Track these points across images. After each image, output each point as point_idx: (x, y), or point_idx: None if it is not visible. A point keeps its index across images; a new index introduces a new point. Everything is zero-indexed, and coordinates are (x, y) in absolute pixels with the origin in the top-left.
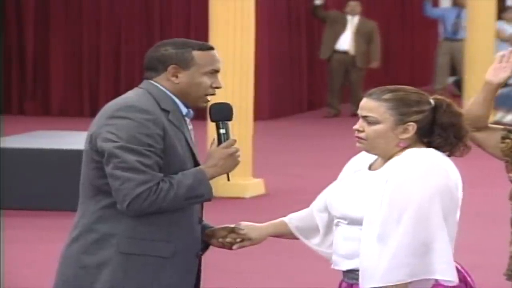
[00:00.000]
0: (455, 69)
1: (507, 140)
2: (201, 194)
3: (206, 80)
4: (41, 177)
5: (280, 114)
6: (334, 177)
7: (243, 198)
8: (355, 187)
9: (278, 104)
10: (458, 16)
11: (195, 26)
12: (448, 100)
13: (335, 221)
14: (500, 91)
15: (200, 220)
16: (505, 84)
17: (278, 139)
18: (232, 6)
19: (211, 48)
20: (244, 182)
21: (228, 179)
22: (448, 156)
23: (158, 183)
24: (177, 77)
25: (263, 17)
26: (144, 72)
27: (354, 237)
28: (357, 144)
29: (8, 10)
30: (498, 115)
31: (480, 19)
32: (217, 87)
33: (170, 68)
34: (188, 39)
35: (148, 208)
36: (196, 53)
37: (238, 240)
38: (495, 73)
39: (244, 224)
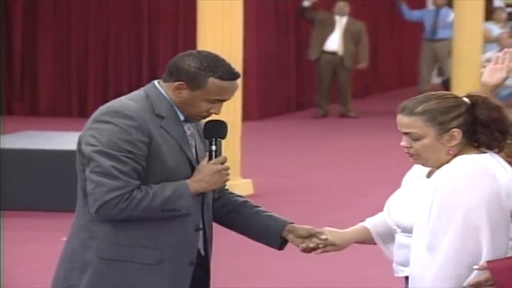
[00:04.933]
0: (440, 68)
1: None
2: (178, 208)
3: (205, 105)
4: (29, 178)
5: (268, 114)
6: (321, 177)
7: None
8: (410, 194)
9: (266, 104)
10: (436, 16)
11: (184, 26)
12: (483, 95)
13: (393, 228)
14: (500, 93)
15: (198, 227)
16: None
17: (266, 139)
18: (220, 7)
19: (233, 79)
20: (233, 183)
21: None
22: (497, 152)
23: (132, 191)
24: (180, 92)
25: (251, 18)
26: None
27: (406, 245)
28: (412, 160)
29: None
30: None
31: (467, 20)
32: (214, 113)
33: (178, 84)
34: (221, 59)
35: (117, 215)
36: (212, 81)
37: (321, 245)
38: (491, 75)
39: (327, 229)
